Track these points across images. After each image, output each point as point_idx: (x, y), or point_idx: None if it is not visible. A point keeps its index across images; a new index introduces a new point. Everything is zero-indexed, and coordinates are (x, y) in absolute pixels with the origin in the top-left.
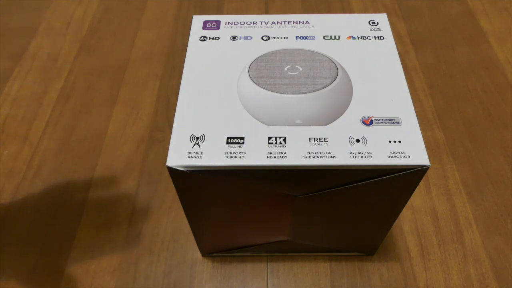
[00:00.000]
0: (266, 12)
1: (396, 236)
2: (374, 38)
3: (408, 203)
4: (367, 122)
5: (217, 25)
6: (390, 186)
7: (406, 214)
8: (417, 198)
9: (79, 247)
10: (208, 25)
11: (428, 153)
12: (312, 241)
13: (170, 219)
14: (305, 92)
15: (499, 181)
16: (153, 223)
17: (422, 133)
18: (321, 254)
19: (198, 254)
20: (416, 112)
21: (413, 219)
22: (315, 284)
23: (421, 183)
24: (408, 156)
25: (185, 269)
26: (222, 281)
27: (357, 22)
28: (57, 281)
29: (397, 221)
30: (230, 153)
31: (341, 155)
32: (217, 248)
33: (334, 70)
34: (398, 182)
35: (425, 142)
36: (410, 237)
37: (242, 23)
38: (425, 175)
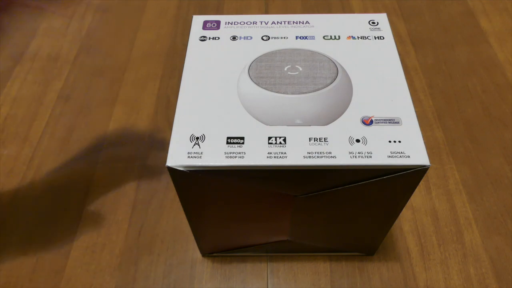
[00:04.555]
0: (266, 12)
1: (396, 236)
2: (374, 38)
3: (408, 203)
4: (367, 122)
5: (217, 25)
6: (390, 186)
7: (406, 214)
8: (417, 198)
9: (79, 247)
10: (208, 25)
11: (428, 153)
12: (312, 241)
13: (170, 219)
14: (305, 92)
15: (499, 181)
16: (153, 223)
17: (422, 133)
18: (321, 254)
19: (198, 254)
20: (416, 112)
21: (413, 219)
22: (315, 284)
23: (421, 183)
24: (408, 156)
25: (185, 269)
26: (222, 281)
27: (357, 22)
28: (57, 281)
29: (397, 221)
30: (230, 153)
31: (341, 155)
32: (217, 248)
33: (334, 70)
34: (398, 182)
35: (425, 142)
36: (410, 237)
37: (242, 23)
38: (425, 175)
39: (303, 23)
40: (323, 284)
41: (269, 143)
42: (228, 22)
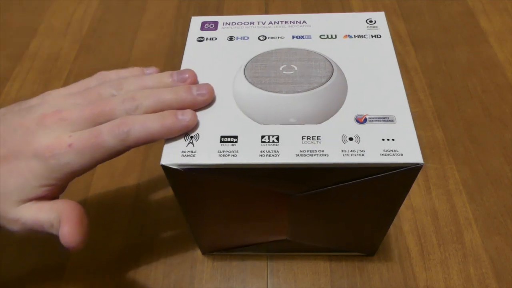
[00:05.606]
0: (266, 12)
1: (396, 236)
2: (371, 36)
3: (408, 203)
4: (361, 120)
5: (215, 25)
6: (384, 184)
7: (406, 214)
8: (417, 198)
9: None
10: (206, 26)
11: (428, 153)
12: (311, 241)
13: (170, 219)
14: (299, 91)
15: (499, 181)
16: (153, 223)
17: (422, 133)
18: (321, 254)
19: (198, 254)
20: (416, 112)
21: (413, 219)
22: (315, 284)
23: (421, 183)
24: (401, 154)
25: (185, 269)
26: (222, 281)
27: (354, 21)
28: (57, 281)
29: (397, 221)
30: (224, 151)
31: (333, 153)
32: (217, 247)
33: (330, 69)
34: (392, 180)
35: (425, 142)
36: (410, 237)
37: (240, 23)
38: (425, 175)
39: (300, 22)
40: (323, 284)
41: (262, 142)
42: (226, 23)
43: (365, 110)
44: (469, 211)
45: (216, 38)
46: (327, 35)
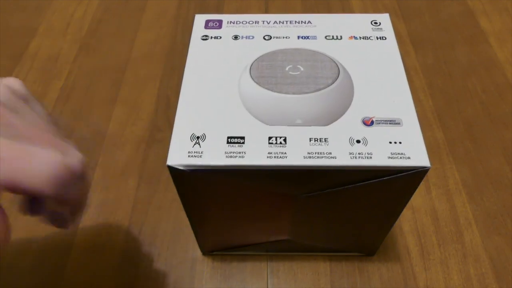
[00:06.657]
0: (266, 11)
1: (396, 236)
2: (376, 38)
3: (408, 203)
4: (368, 122)
5: (219, 24)
6: (390, 187)
7: (406, 214)
8: (417, 198)
9: (79, 247)
10: (210, 24)
11: (428, 153)
12: (312, 241)
13: (170, 219)
14: (306, 92)
15: (499, 181)
16: (153, 223)
17: (422, 134)
18: (321, 254)
19: (198, 254)
20: (416, 112)
21: (413, 219)
22: (315, 284)
23: (421, 183)
24: (409, 157)
25: (185, 269)
26: (222, 281)
27: (359, 22)
28: (57, 281)
29: (397, 221)
30: (231, 152)
31: (341, 155)
32: (218, 247)
33: (336, 70)
34: (398, 183)
35: (425, 142)
36: (410, 237)
37: (244, 22)
38: (425, 175)
39: (305, 23)
40: (323, 284)
41: (269, 143)
42: (230, 21)
43: (372, 113)
44: (469, 211)
45: (220, 37)
46: (333, 36)
